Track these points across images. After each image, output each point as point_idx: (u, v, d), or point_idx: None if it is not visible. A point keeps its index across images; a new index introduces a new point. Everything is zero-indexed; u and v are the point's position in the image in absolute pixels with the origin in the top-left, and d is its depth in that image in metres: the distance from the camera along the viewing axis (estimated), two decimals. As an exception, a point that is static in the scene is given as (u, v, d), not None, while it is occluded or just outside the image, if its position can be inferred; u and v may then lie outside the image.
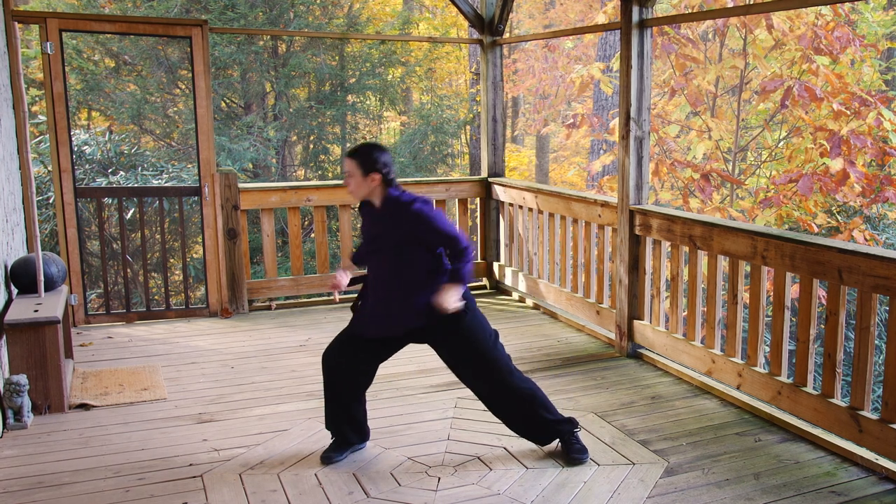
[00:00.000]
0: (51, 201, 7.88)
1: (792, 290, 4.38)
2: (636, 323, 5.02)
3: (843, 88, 8.11)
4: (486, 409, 3.65)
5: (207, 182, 5.85)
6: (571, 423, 3.60)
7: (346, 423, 3.57)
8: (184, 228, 6.46)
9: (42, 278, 4.46)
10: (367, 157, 3.30)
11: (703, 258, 4.56)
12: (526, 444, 3.70)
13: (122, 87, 10.60)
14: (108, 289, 6.45)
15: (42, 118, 9.04)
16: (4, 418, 3.89)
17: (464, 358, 3.49)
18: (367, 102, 12.28)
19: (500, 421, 3.65)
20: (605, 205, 5.25)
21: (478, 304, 3.59)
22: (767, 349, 4.18)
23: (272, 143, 10.57)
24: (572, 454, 3.52)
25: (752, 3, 7.43)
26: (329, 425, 3.59)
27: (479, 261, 7.00)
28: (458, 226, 5.97)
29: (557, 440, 3.61)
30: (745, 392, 4.21)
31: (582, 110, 10.18)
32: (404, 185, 6.65)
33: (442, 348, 3.50)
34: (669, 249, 4.89)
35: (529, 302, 6.44)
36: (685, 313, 4.71)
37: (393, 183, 3.37)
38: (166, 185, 8.30)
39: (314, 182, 9.03)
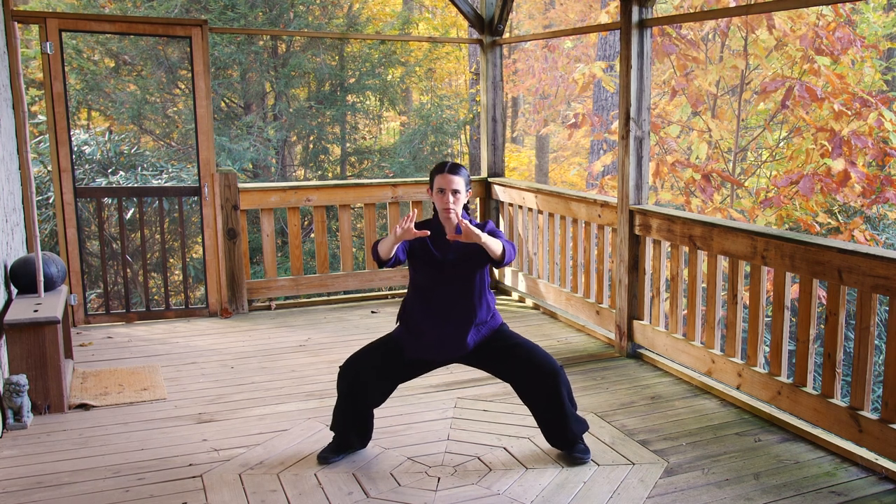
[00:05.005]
0: (50, 201, 7.88)
1: (792, 290, 4.38)
2: (636, 323, 5.01)
3: (844, 89, 8.12)
4: (518, 402, 3.71)
5: (207, 182, 5.85)
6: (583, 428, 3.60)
7: (356, 433, 3.57)
8: (183, 228, 6.46)
9: (42, 278, 4.46)
10: (467, 174, 3.38)
11: (702, 258, 4.56)
12: (526, 445, 3.70)
13: (121, 87, 10.60)
14: (108, 289, 6.45)
15: (42, 118, 9.03)
16: (4, 418, 3.89)
17: (511, 349, 3.49)
18: (367, 102, 12.28)
19: (530, 413, 3.64)
20: (604, 205, 5.25)
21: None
22: (767, 349, 4.18)
23: (272, 143, 10.56)
24: (574, 454, 3.52)
25: (752, 3, 7.42)
26: (336, 430, 3.57)
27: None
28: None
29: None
30: (744, 392, 4.21)
31: (582, 110, 10.18)
32: (403, 186, 6.70)
33: (486, 358, 3.52)
34: (669, 249, 4.89)
35: (529, 302, 6.44)
36: (685, 313, 4.71)
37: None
38: (166, 185, 8.29)
39: (314, 182, 9.03)
